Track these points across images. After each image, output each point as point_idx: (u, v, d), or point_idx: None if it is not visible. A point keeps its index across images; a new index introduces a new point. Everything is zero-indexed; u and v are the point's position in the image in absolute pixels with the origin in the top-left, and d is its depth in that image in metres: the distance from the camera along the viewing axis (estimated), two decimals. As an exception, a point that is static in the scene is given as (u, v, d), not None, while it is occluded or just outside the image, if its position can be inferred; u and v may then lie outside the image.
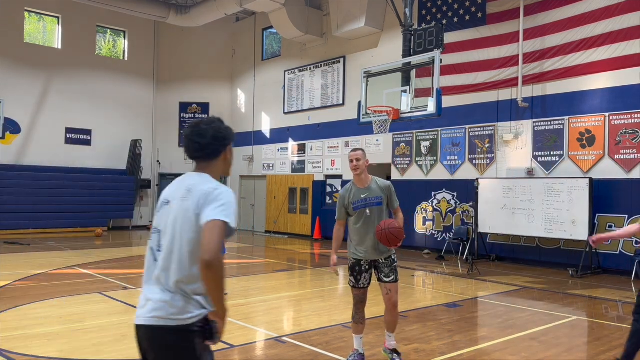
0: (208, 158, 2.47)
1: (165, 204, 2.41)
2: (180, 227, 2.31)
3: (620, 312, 7.55)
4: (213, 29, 20.78)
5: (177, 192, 2.39)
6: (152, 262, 2.39)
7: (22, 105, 17.96)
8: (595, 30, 11.24)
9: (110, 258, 12.08)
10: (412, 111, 10.01)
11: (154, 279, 2.34)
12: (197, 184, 2.35)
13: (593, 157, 11.28)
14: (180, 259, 2.29)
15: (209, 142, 2.45)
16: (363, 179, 4.83)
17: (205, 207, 2.26)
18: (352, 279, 4.87)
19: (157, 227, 2.41)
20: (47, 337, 5.58)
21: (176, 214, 2.33)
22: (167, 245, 2.33)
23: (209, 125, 2.49)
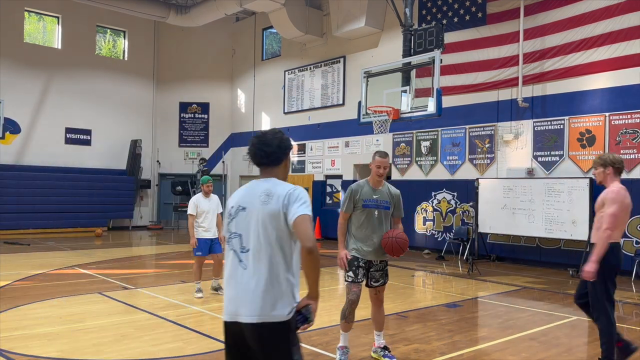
0: (272, 164, 2.78)
1: (241, 210, 2.68)
2: (267, 228, 2.58)
3: (620, 312, 7.55)
4: (213, 29, 20.78)
5: (254, 198, 2.66)
6: (237, 262, 2.63)
7: (22, 105, 17.96)
8: (595, 30, 11.23)
9: (110, 258, 12.07)
10: (412, 111, 10.01)
11: (245, 278, 2.58)
12: (273, 188, 2.66)
13: (593, 157, 11.25)
14: (269, 257, 2.56)
15: (273, 150, 2.76)
16: (378, 181, 4.90)
17: (290, 206, 2.57)
18: (351, 274, 4.82)
19: (237, 232, 2.66)
20: (47, 337, 5.58)
21: (259, 217, 2.60)
22: (253, 246, 2.59)
23: (273, 135, 2.80)
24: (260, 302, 2.54)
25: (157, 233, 19.08)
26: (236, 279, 2.62)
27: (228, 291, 2.66)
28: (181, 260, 12.04)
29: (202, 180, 8.03)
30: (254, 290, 2.55)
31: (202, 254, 7.84)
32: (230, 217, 2.72)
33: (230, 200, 2.79)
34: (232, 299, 2.62)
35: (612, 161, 4.82)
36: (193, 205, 7.81)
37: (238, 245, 2.65)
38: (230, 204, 2.76)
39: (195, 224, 7.82)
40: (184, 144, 21.60)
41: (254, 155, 2.78)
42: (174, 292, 8.24)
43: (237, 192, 2.82)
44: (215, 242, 7.95)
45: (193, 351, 5.18)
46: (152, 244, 16.15)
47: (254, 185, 2.75)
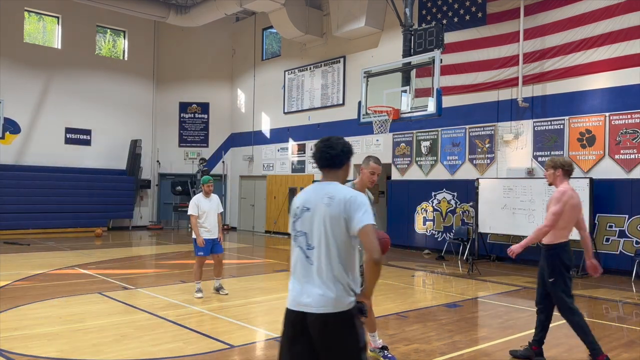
0: (335, 167, 2.97)
1: (306, 210, 2.89)
2: (329, 228, 2.79)
3: (620, 312, 7.55)
4: (213, 28, 20.77)
5: (318, 200, 2.86)
6: (304, 258, 2.87)
7: (22, 105, 17.96)
8: (595, 30, 11.23)
9: (110, 258, 12.07)
10: (412, 111, 10.00)
11: (311, 272, 2.81)
12: (335, 192, 2.84)
13: (593, 157, 11.27)
14: (332, 254, 2.78)
15: (337, 154, 2.96)
16: (364, 189, 4.71)
17: (353, 214, 2.75)
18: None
19: (302, 230, 2.89)
20: (47, 337, 5.57)
21: (322, 218, 2.81)
22: (317, 244, 2.82)
23: (337, 140, 3.02)
24: (324, 295, 2.75)
25: (157, 233, 19.08)
26: (302, 274, 2.86)
27: (295, 284, 2.89)
28: (181, 260, 12.03)
29: (202, 180, 8.03)
30: (319, 284, 2.78)
31: (203, 254, 7.84)
32: (296, 217, 2.95)
33: (295, 201, 3.00)
34: (298, 291, 2.84)
35: (561, 163, 5.05)
36: (194, 206, 7.81)
37: (304, 242, 2.89)
38: (296, 205, 2.98)
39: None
40: (184, 144, 21.59)
41: (319, 158, 2.98)
42: (174, 292, 8.23)
43: (302, 193, 3.02)
44: (216, 242, 7.96)
45: (193, 351, 5.18)
46: (152, 244, 16.15)
47: (318, 187, 2.94)
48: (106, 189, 19.01)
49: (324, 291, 2.76)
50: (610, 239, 10.85)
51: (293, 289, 2.89)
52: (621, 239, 10.70)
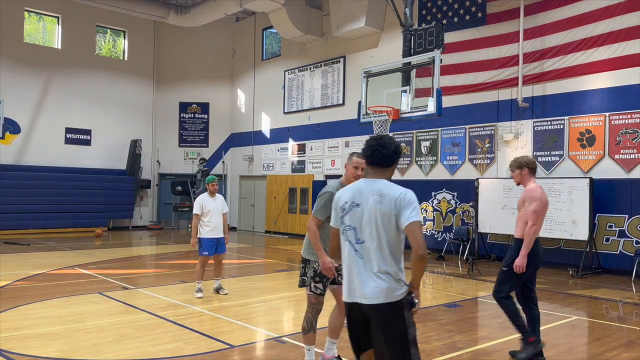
0: (385, 165, 3.08)
1: (355, 206, 3.01)
2: (379, 224, 2.92)
3: (620, 312, 7.55)
4: (213, 28, 20.78)
5: (367, 196, 2.98)
6: (353, 252, 3.00)
7: (22, 105, 17.96)
8: (595, 30, 11.23)
9: (110, 258, 12.07)
10: (412, 111, 10.01)
11: (361, 265, 2.96)
12: (385, 190, 2.96)
13: (593, 157, 11.27)
14: (382, 248, 2.92)
15: (390, 153, 3.06)
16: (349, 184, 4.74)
17: (403, 210, 2.88)
18: (321, 287, 4.55)
19: (352, 225, 3.01)
20: (47, 337, 5.57)
21: (372, 214, 2.93)
22: (368, 238, 2.95)
23: (390, 140, 3.11)
24: (376, 287, 2.90)
25: (157, 233, 19.08)
26: (353, 266, 3.00)
27: (347, 276, 3.04)
28: (181, 260, 12.04)
29: (207, 179, 8.03)
30: (370, 276, 2.93)
31: (208, 253, 7.85)
32: (344, 212, 3.06)
33: (341, 197, 3.11)
34: (351, 284, 3.01)
35: (526, 162, 5.21)
36: (198, 205, 7.82)
37: (353, 237, 3.01)
38: (344, 200, 3.08)
39: (201, 223, 7.83)
40: (184, 144, 21.60)
41: (370, 155, 3.07)
42: (174, 292, 8.24)
43: (347, 189, 3.12)
44: (221, 242, 7.96)
45: (193, 351, 5.18)
46: (152, 244, 16.15)
47: (365, 184, 3.05)
48: (106, 189, 19.01)
49: (375, 283, 2.91)
50: (610, 239, 10.85)
51: (346, 282, 3.05)
52: (621, 238, 10.70)
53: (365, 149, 3.12)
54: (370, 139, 3.15)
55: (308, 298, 4.60)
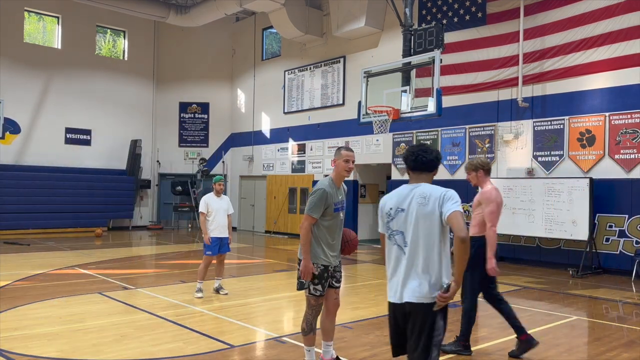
0: (427, 170, 3.24)
1: (400, 211, 3.17)
2: (424, 226, 3.07)
3: (620, 312, 7.55)
4: (213, 28, 20.78)
5: (411, 201, 3.14)
6: (402, 255, 3.15)
7: (22, 105, 17.96)
8: (595, 30, 11.23)
9: (110, 258, 12.07)
10: (412, 111, 10.00)
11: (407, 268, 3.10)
12: (428, 192, 3.12)
13: (593, 157, 11.27)
14: (427, 251, 3.07)
15: (432, 159, 3.23)
16: (340, 180, 4.54)
17: (444, 204, 3.05)
18: (320, 288, 4.45)
19: (398, 229, 3.17)
20: (47, 337, 5.57)
21: (417, 217, 3.09)
22: (412, 241, 3.11)
23: (431, 147, 3.33)
24: (417, 286, 3.07)
25: (157, 233, 19.08)
26: (399, 268, 3.15)
27: (394, 278, 3.18)
28: (181, 260, 12.04)
29: (214, 179, 8.07)
30: (415, 277, 3.09)
31: (212, 253, 7.86)
32: (390, 217, 3.21)
33: (386, 202, 3.26)
34: (398, 285, 3.14)
35: (480, 164, 5.41)
36: (204, 204, 7.89)
37: (401, 240, 3.16)
38: (389, 206, 3.23)
39: (206, 222, 7.87)
40: (184, 144, 21.60)
41: (413, 161, 3.22)
42: (174, 292, 8.23)
43: (392, 195, 3.27)
44: (224, 242, 7.97)
45: (193, 351, 5.18)
46: (152, 244, 16.15)
47: (408, 189, 3.21)
48: (106, 189, 19.01)
49: (420, 283, 3.07)
50: (610, 239, 10.85)
51: (392, 284, 3.19)
52: (621, 238, 10.70)
53: (407, 155, 3.26)
54: (411, 146, 3.31)
55: (307, 300, 4.53)
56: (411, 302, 3.08)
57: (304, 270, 4.37)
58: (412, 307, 3.09)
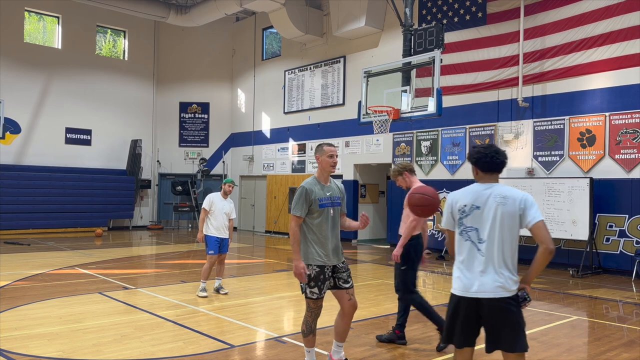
0: (498, 171, 3.37)
1: (475, 208, 3.28)
2: (505, 224, 3.20)
3: (620, 312, 7.54)
4: (213, 28, 20.78)
5: (488, 199, 3.27)
6: (476, 251, 3.25)
7: (22, 105, 17.96)
8: (595, 30, 11.23)
9: (111, 258, 12.07)
10: (412, 111, 9.99)
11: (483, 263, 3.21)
12: (507, 192, 3.27)
13: (593, 157, 11.27)
14: (504, 246, 3.20)
15: (503, 160, 3.37)
16: (326, 177, 4.49)
17: (527, 210, 3.21)
18: (316, 290, 4.30)
19: (473, 226, 3.27)
20: (47, 337, 5.57)
21: (496, 215, 3.22)
22: (488, 237, 3.22)
23: (500, 148, 3.42)
24: (497, 281, 3.18)
25: (157, 233, 19.08)
26: (474, 264, 3.25)
27: (465, 273, 3.26)
28: (181, 260, 12.04)
29: (225, 180, 8.11)
30: (492, 272, 3.19)
31: (214, 252, 7.87)
32: (464, 214, 3.31)
33: (458, 200, 3.36)
34: (470, 280, 3.23)
35: (403, 167, 5.65)
36: (209, 201, 7.91)
37: (475, 237, 3.27)
38: (462, 203, 3.34)
39: (207, 221, 7.86)
40: (184, 144, 21.60)
41: (488, 163, 3.33)
42: (174, 292, 8.23)
43: (464, 193, 3.38)
44: (224, 242, 7.98)
45: (193, 351, 5.18)
46: (152, 244, 16.15)
47: (482, 187, 3.34)
48: (106, 189, 19.01)
49: (497, 278, 3.18)
50: (611, 239, 10.85)
51: (464, 278, 3.27)
52: (621, 238, 10.70)
53: (480, 157, 3.35)
54: (482, 147, 3.39)
55: (307, 302, 4.43)
56: (494, 298, 3.17)
57: (295, 272, 4.30)
58: (494, 302, 3.18)
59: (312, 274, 4.29)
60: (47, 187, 17.75)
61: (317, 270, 4.30)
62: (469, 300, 3.23)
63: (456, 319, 3.29)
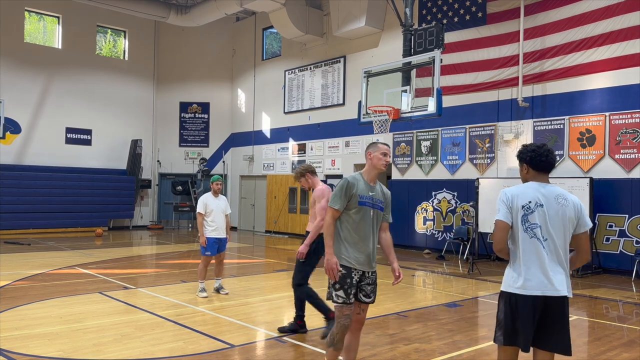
0: (549, 171, 3.40)
1: (539, 206, 3.27)
2: (567, 224, 3.26)
3: (620, 312, 7.55)
4: (213, 28, 20.79)
5: (549, 198, 3.28)
6: (541, 248, 3.24)
7: (22, 105, 17.97)
8: (595, 30, 11.23)
9: (111, 258, 12.08)
10: (412, 111, 10.00)
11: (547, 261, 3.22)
12: (566, 195, 3.33)
13: (593, 157, 11.27)
14: (565, 246, 3.27)
15: (555, 160, 3.43)
16: (374, 176, 4.13)
17: (583, 217, 3.31)
18: (342, 294, 3.91)
19: (537, 223, 3.26)
20: (47, 337, 5.58)
21: (558, 214, 3.26)
22: (550, 235, 3.24)
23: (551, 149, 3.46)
24: (562, 279, 3.23)
25: (158, 233, 19.08)
26: (539, 262, 3.24)
27: (532, 270, 3.23)
28: (181, 260, 12.05)
29: (212, 179, 8.04)
30: (559, 271, 3.23)
31: (210, 253, 7.83)
32: (529, 211, 3.28)
33: (519, 196, 3.31)
34: (538, 277, 3.22)
35: (305, 169, 5.98)
36: (202, 204, 7.81)
37: (540, 234, 3.26)
38: (526, 199, 3.29)
39: (204, 223, 7.83)
40: (184, 144, 21.60)
41: (544, 162, 3.35)
42: (174, 291, 8.24)
43: (523, 190, 3.34)
44: (223, 242, 7.96)
45: (193, 351, 5.19)
46: (152, 244, 16.15)
47: (542, 187, 3.34)
48: (106, 189, 19.03)
49: (562, 277, 3.23)
50: (611, 239, 10.85)
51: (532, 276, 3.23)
52: (621, 238, 10.70)
53: (535, 156, 3.35)
54: (536, 146, 3.40)
55: (335, 310, 3.99)
56: (561, 296, 3.21)
57: (326, 267, 3.90)
58: (560, 300, 3.21)
59: (339, 274, 3.91)
60: (48, 187, 17.75)
61: (343, 273, 3.90)
62: (536, 299, 3.20)
63: (519, 319, 3.23)
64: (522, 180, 3.47)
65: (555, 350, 3.23)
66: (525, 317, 3.20)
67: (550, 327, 3.22)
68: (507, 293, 3.28)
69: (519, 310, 3.22)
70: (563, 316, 3.23)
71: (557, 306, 3.21)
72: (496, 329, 3.37)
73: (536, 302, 3.19)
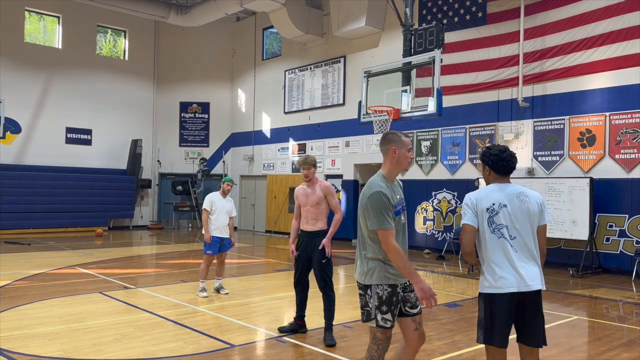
0: (510, 173, 3.50)
1: (503, 207, 3.36)
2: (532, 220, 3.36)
3: (620, 312, 7.55)
4: (213, 28, 20.79)
5: (511, 198, 3.37)
6: (509, 247, 3.32)
7: (22, 105, 17.97)
8: (596, 30, 11.23)
9: (111, 258, 12.08)
10: (412, 111, 10.00)
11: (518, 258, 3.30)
12: (526, 191, 3.43)
13: (593, 157, 11.27)
14: (534, 241, 3.36)
15: (516, 164, 3.51)
16: (395, 175, 3.60)
17: (544, 212, 3.43)
18: (389, 317, 3.41)
19: (504, 223, 3.34)
20: (47, 337, 5.58)
21: (522, 212, 3.35)
22: (518, 233, 3.33)
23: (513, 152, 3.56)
24: (537, 273, 3.31)
25: (158, 233, 19.08)
26: (509, 260, 3.31)
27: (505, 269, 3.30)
28: (181, 260, 12.05)
29: (223, 179, 8.09)
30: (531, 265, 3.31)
31: (212, 252, 7.85)
32: (494, 212, 3.36)
33: (482, 200, 3.39)
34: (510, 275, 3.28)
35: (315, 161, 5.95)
36: (209, 202, 7.89)
37: (507, 234, 3.34)
38: (490, 202, 3.37)
39: (208, 220, 7.86)
40: (184, 144, 21.61)
41: (505, 166, 3.45)
42: (174, 291, 8.24)
43: (486, 193, 3.42)
44: (225, 242, 7.97)
45: (193, 350, 5.19)
46: (152, 244, 16.16)
47: (503, 187, 3.43)
48: (107, 189, 19.02)
49: (537, 269, 3.33)
50: (611, 239, 10.85)
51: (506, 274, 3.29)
52: (621, 238, 10.70)
53: (498, 161, 3.43)
54: (499, 151, 3.46)
55: (372, 332, 3.48)
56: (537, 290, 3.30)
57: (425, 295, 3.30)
58: (536, 294, 3.31)
59: (384, 295, 3.40)
60: (48, 187, 17.75)
61: (389, 291, 3.40)
62: (512, 296, 3.28)
63: (496, 318, 3.30)
64: (484, 180, 3.58)
65: (537, 345, 3.34)
66: (502, 315, 3.28)
67: (530, 322, 3.32)
68: (484, 294, 3.36)
69: (497, 308, 3.30)
70: (538, 309, 3.33)
71: (532, 300, 3.30)
72: (477, 329, 3.42)
73: (512, 298, 3.27)
